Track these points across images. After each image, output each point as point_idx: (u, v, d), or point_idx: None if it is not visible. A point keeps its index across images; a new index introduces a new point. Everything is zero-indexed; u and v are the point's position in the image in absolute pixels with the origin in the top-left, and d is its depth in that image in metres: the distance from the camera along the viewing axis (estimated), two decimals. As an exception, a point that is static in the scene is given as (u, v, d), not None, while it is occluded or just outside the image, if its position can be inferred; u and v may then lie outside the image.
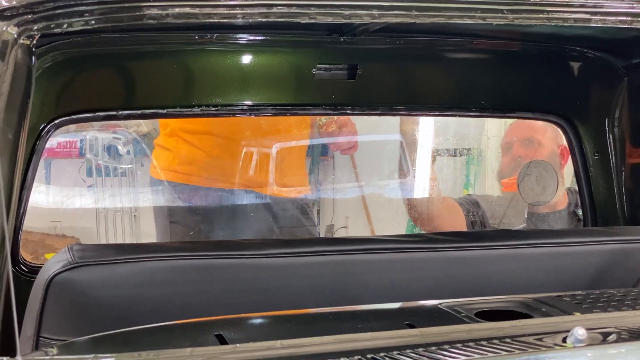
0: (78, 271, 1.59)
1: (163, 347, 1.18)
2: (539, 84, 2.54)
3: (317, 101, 2.42)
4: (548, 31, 2.28)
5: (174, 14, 1.32)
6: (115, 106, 2.26)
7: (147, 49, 2.24)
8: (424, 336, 1.24)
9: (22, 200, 2.18)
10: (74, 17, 1.29)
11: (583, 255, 1.93)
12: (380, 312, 1.58)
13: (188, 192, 3.10)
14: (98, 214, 5.99)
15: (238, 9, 1.36)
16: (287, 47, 2.33)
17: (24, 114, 1.27)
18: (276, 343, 1.17)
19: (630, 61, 2.43)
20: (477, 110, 2.58)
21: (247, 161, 3.10)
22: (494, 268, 1.88)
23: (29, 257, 2.48)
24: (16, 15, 1.27)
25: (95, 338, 1.33)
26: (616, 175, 2.52)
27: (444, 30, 2.31)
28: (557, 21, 1.49)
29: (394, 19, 1.41)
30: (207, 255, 1.73)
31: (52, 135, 2.25)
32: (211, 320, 1.42)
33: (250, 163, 3.11)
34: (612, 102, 2.50)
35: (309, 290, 1.76)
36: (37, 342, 1.57)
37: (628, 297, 1.51)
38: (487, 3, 1.45)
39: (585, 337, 1.14)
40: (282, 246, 1.83)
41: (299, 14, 1.37)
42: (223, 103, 2.33)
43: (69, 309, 1.62)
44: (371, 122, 3.90)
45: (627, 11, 1.52)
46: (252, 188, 3.13)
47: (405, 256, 1.82)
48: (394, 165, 4.90)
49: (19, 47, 1.26)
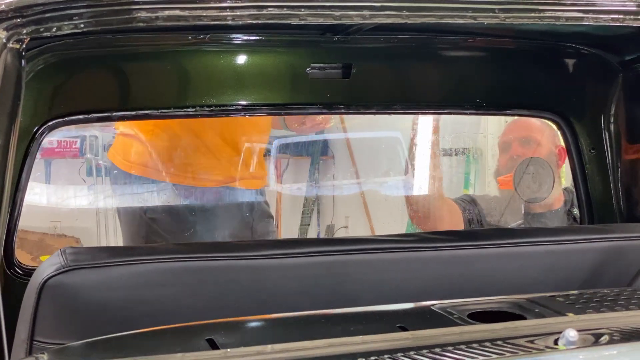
0: (71, 274, 1.59)
1: (155, 352, 1.19)
2: (534, 81, 2.54)
3: (311, 100, 2.41)
4: (542, 28, 2.27)
5: (164, 16, 1.31)
6: (108, 107, 2.25)
7: (140, 49, 2.23)
8: (416, 339, 1.24)
9: (16, 203, 2.17)
10: (64, 21, 1.28)
11: (578, 253, 1.92)
12: (373, 314, 1.57)
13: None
14: (98, 213, 5.99)
15: (228, 11, 1.36)
16: (281, 47, 2.32)
17: (14, 117, 1.26)
18: (267, 347, 1.17)
19: (625, 57, 2.42)
20: (472, 108, 2.57)
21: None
22: (488, 267, 1.87)
23: (29, 257, 2.48)
24: (5, 19, 1.27)
25: (87, 343, 1.33)
26: (612, 171, 2.51)
27: (438, 28, 2.30)
28: (550, 20, 1.49)
29: (384, 19, 1.41)
30: (201, 257, 1.72)
31: (48, 136, 2.24)
32: (203, 325, 1.41)
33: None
34: (608, 99, 2.50)
35: (304, 290, 1.75)
36: (31, 346, 1.57)
37: (621, 297, 1.51)
38: (478, 2, 1.44)
39: (577, 339, 1.13)
40: (276, 247, 1.83)
41: (289, 15, 1.36)
42: (217, 103, 2.32)
43: (63, 313, 1.62)
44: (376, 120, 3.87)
45: (619, 9, 1.51)
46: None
47: (399, 256, 1.82)
48: (396, 164, 4.89)
49: (9, 52, 1.26)
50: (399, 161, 4.80)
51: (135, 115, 2.33)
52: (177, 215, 2.99)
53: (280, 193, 5.95)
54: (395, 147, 4.70)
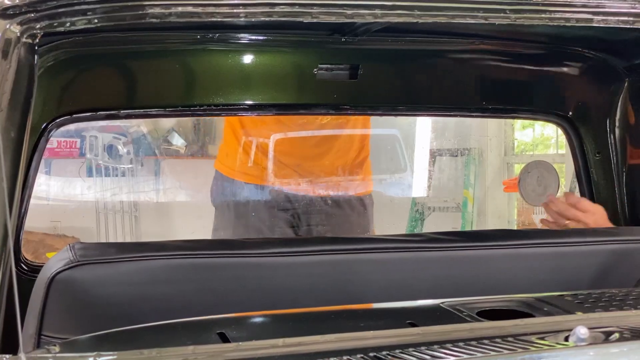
0: (80, 270, 1.59)
1: (165, 345, 1.18)
2: (541, 84, 2.55)
3: (318, 101, 2.42)
4: (549, 32, 2.28)
5: (177, 12, 1.32)
6: (117, 105, 2.26)
7: (149, 48, 2.24)
8: (426, 335, 1.24)
9: (23, 200, 2.18)
10: (77, 16, 1.29)
11: (585, 255, 1.93)
12: (382, 311, 1.58)
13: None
14: (98, 213, 5.99)
15: (241, 8, 1.36)
16: (289, 47, 2.33)
17: (26, 112, 1.27)
18: (278, 341, 1.17)
19: (632, 62, 2.43)
20: (478, 111, 2.58)
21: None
22: (495, 268, 1.88)
23: (30, 257, 2.49)
24: (19, 13, 1.27)
25: (98, 336, 1.33)
26: (617, 175, 2.52)
27: (445, 31, 2.31)
28: (559, 21, 1.49)
29: (396, 18, 1.42)
30: (209, 254, 1.73)
31: (54, 135, 2.25)
32: (213, 319, 1.42)
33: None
34: (614, 103, 2.50)
35: (311, 289, 1.76)
36: (39, 340, 1.57)
37: (630, 297, 1.51)
38: (489, 3, 1.45)
39: (588, 336, 1.14)
40: (284, 245, 1.83)
41: (301, 13, 1.37)
42: (225, 102, 2.33)
43: (71, 308, 1.62)
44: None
45: (629, 11, 1.52)
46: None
47: (407, 255, 1.82)
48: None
49: (22, 46, 1.26)
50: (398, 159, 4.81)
51: (143, 114, 2.34)
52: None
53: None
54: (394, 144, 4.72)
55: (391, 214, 5.32)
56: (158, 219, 6.01)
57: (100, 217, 5.99)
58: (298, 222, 3.26)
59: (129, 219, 5.98)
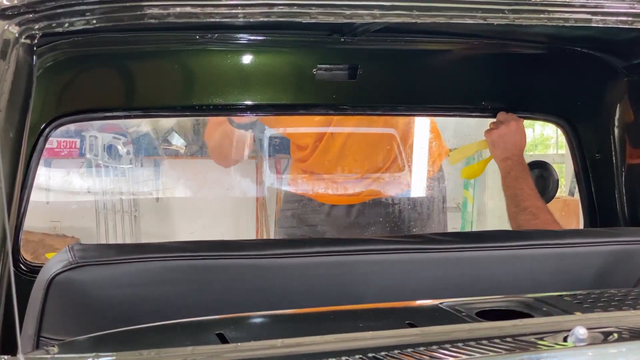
0: (79, 271, 1.59)
1: (164, 346, 1.18)
2: (540, 84, 2.55)
3: (317, 101, 2.43)
4: (548, 32, 2.28)
5: (175, 13, 1.32)
6: (116, 106, 2.26)
7: (148, 48, 2.24)
8: (425, 335, 1.24)
9: (22, 200, 2.18)
10: (75, 17, 1.29)
11: (584, 256, 1.92)
12: (381, 311, 1.58)
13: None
14: (98, 213, 5.99)
15: (239, 9, 1.36)
16: (288, 47, 2.33)
17: (25, 112, 1.27)
18: (277, 342, 1.17)
19: (631, 62, 2.42)
20: (477, 111, 2.59)
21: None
22: (495, 269, 1.87)
23: (29, 257, 2.49)
24: (17, 14, 1.27)
25: (97, 337, 1.33)
26: (617, 176, 2.51)
27: (444, 31, 2.31)
28: (558, 21, 1.49)
29: (395, 18, 1.42)
30: (208, 255, 1.72)
31: (53, 135, 2.25)
32: (212, 320, 1.42)
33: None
34: (613, 103, 2.50)
35: (309, 290, 1.75)
36: (38, 342, 1.57)
37: (629, 297, 1.51)
38: (488, 3, 1.45)
39: (586, 336, 1.13)
40: (283, 247, 1.83)
41: (300, 13, 1.37)
42: (223, 103, 2.33)
43: (70, 309, 1.62)
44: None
45: (627, 11, 1.52)
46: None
47: (406, 257, 1.82)
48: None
49: (20, 47, 1.26)
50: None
51: (142, 114, 2.34)
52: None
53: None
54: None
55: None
56: (158, 219, 6.01)
57: (100, 217, 5.99)
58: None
59: (129, 219, 5.98)
